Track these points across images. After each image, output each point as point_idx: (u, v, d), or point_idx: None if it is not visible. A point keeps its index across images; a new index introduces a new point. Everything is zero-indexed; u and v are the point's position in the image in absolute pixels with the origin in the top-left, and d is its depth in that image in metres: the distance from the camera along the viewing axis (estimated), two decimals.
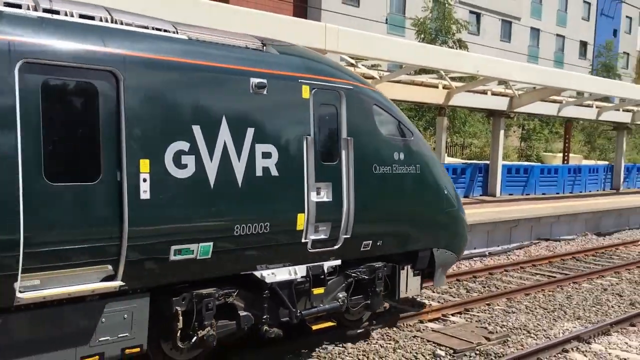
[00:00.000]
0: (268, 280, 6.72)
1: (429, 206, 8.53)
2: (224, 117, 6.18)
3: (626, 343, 8.64)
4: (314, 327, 7.52)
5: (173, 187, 5.82)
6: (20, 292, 5.02)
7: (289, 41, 7.67)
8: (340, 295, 7.61)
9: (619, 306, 10.64)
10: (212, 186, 6.09)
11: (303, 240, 6.92)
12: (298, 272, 7.05)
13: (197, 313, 6.27)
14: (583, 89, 22.92)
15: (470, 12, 41.73)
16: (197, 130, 5.97)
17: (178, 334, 6.21)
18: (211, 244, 6.13)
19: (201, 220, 6.06)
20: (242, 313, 6.67)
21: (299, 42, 8.31)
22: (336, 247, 7.30)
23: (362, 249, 7.65)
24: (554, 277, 12.48)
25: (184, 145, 5.89)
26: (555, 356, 7.95)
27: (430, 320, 9.32)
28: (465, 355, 7.85)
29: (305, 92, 6.96)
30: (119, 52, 5.53)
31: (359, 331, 8.37)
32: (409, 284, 8.52)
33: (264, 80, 6.49)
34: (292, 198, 6.79)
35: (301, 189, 6.84)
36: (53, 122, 5.16)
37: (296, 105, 6.88)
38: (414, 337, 8.45)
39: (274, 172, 6.60)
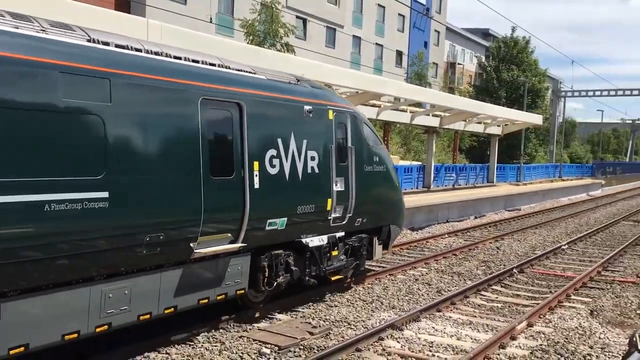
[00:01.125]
0: (310, 245, 9.69)
1: (390, 194, 12.19)
2: (292, 133, 9.11)
3: (433, 327, 9.49)
4: (333, 278, 10.75)
5: (269, 180, 8.61)
6: (195, 250, 7.56)
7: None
8: (342, 257, 10.75)
9: (428, 294, 11.67)
10: (287, 179, 8.95)
11: (328, 217, 10.01)
12: (324, 240, 10.04)
13: (274, 267, 9.08)
14: (399, 95, 24.78)
15: (297, 17, 42.93)
16: (279, 141, 8.85)
17: (265, 281, 9.00)
18: (285, 218, 9.00)
19: (282, 202, 8.98)
20: (293, 268, 9.47)
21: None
22: (344, 222, 10.44)
23: (355, 225, 10.83)
24: (374, 270, 13.31)
25: (274, 152, 8.73)
26: (372, 345, 8.46)
27: (257, 320, 9.43)
28: (290, 351, 8.06)
29: (330, 115, 10.12)
30: (242, 91, 8.36)
31: (344, 285, 11.53)
32: (377, 250, 11.99)
33: (311, 107, 9.61)
34: (325, 188, 9.85)
35: (329, 182, 9.93)
36: (211, 137, 7.79)
37: (326, 124, 10.01)
38: (240, 337, 8.48)
39: (316, 170, 9.61)
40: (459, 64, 70.08)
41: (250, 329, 8.90)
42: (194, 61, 7.95)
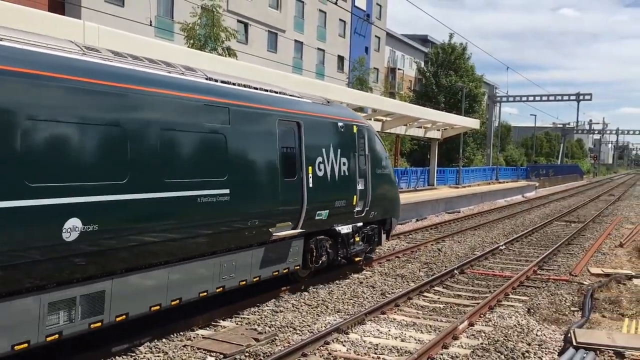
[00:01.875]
0: (341, 232, 12.34)
1: (393, 192, 15.19)
2: (331, 144, 11.83)
3: (378, 330, 9.59)
4: (355, 259, 13.68)
5: (318, 181, 11.25)
6: (273, 233, 10.08)
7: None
8: (361, 243, 13.46)
9: (372, 297, 11.79)
10: (329, 180, 11.64)
11: (353, 210, 12.66)
12: (350, 228, 12.66)
13: (319, 249, 11.77)
14: (342, 100, 24.94)
15: (239, 21, 42.66)
16: (323, 151, 11.55)
17: (312, 259, 11.63)
18: (328, 211, 11.62)
19: (326, 198, 11.62)
20: (330, 250, 12.17)
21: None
22: (363, 215, 13.07)
23: (369, 217, 13.47)
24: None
25: (320, 159, 11.41)
26: (318, 349, 8.47)
27: (201, 327, 9.27)
28: (235, 358, 7.96)
29: (355, 129, 12.89)
30: (300, 112, 11.09)
31: (357, 267, 14.12)
32: (383, 238, 14.97)
33: (342, 124, 12.43)
34: (352, 187, 12.58)
35: (355, 182, 12.66)
36: (283, 148, 10.34)
37: (352, 137, 12.74)
38: (184, 346, 8.32)
39: (347, 172, 12.33)
40: (399, 69, 71.33)
41: (194, 338, 8.74)
42: (271, 91, 10.77)
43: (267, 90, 10.61)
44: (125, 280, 7.56)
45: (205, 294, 8.96)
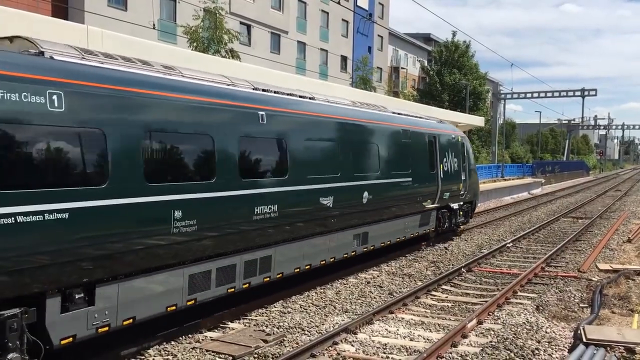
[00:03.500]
0: (454, 207, 18.45)
1: (477, 182, 21.36)
2: (449, 149, 18.00)
3: (386, 329, 9.57)
4: (460, 228, 20.32)
5: (445, 174, 17.29)
6: (425, 206, 16.40)
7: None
8: (462, 215, 19.34)
9: (380, 296, 11.76)
10: (449, 173, 17.69)
11: (459, 194, 18.75)
12: (457, 205, 18.67)
13: (443, 218, 17.93)
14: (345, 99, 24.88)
15: (241, 23, 42.70)
16: (446, 154, 17.62)
17: (438, 224, 17.65)
18: (449, 193, 17.60)
19: (449, 185, 17.58)
20: (447, 220, 18.18)
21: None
22: (463, 197, 19.17)
23: (466, 199, 19.40)
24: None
25: (445, 159, 17.44)
26: (327, 349, 8.46)
27: (209, 330, 9.27)
28: (244, 359, 7.96)
29: (459, 139, 19.23)
30: (435, 130, 17.45)
31: (458, 231, 20.03)
32: (470, 215, 21.02)
33: (453, 136, 18.95)
34: (460, 178, 18.70)
35: (460, 174, 18.84)
36: (429, 152, 16.74)
37: (457, 144, 18.99)
38: (193, 348, 8.32)
39: (457, 168, 18.40)
40: (402, 68, 71.28)
41: (202, 340, 8.75)
42: (423, 117, 18.22)
43: (421, 117, 17.74)
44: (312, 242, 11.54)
45: (322, 263, 11.91)
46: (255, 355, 8.10)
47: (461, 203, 18.99)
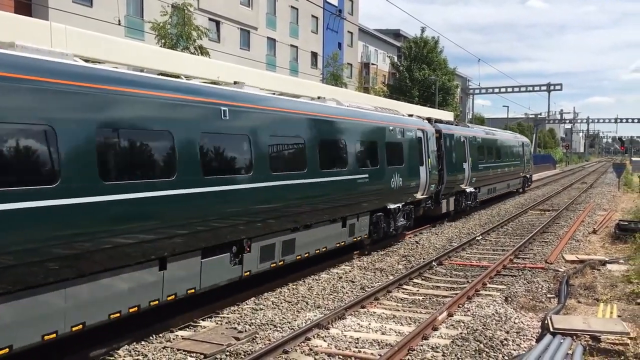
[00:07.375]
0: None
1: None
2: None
3: (359, 324, 9.62)
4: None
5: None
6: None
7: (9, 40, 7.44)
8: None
9: (352, 291, 11.81)
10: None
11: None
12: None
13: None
14: (316, 95, 24.88)
15: (210, 19, 42.27)
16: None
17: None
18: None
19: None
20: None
21: (24, 42, 7.50)
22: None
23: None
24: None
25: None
26: (299, 345, 8.47)
27: (180, 329, 9.20)
28: (216, 357, 7.92)
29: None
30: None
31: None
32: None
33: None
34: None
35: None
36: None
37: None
38: (164, 348, 8.24)
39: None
40: (372, 64, 71.45)
41: (173, 339, 8.67)
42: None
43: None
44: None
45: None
46: (227, 353, 8.06)
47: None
